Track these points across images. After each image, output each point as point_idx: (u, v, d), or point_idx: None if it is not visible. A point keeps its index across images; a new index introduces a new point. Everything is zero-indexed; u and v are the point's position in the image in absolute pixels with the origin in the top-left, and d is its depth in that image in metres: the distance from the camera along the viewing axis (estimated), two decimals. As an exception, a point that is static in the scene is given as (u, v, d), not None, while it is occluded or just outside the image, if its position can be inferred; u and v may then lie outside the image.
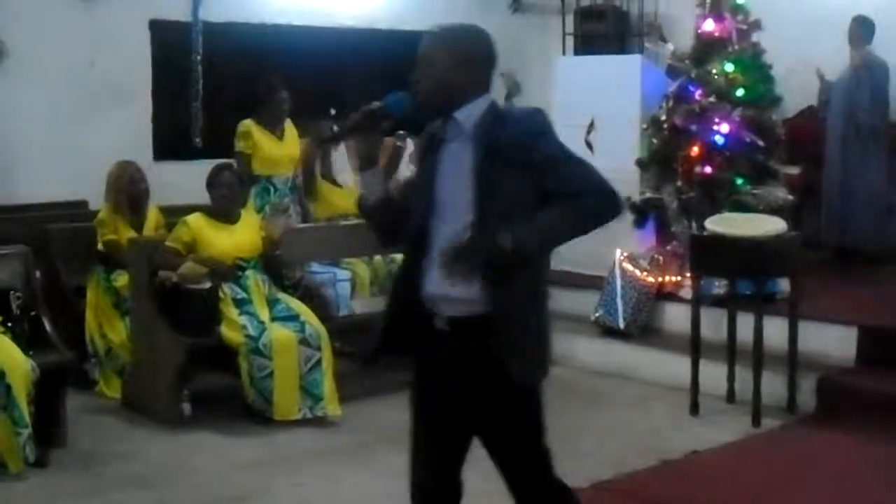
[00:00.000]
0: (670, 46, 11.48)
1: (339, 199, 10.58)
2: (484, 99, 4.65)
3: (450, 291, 4.45)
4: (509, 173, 4.47)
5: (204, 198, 9.03)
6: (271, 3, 13.04)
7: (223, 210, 8.94)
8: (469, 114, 4.61)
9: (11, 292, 8.20)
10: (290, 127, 10.20)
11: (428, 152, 4.79)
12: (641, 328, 10.40)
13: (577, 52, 14.07)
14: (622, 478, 7.41)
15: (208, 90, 12.30)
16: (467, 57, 4.65)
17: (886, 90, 11.68)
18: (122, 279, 9.34)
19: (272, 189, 9.98)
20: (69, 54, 11.79)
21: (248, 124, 9.96)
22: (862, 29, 11.75)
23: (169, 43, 12.33)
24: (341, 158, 10.47)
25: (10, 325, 7.95)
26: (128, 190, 9.53)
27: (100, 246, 9.52)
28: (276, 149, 10.03)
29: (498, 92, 14.73)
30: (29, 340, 7.94)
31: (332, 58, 13.12)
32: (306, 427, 8.50)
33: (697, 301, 9.04)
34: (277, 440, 8.28)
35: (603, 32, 14.06)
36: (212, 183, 8.94)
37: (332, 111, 11.00)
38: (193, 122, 12.27)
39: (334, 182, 10.69)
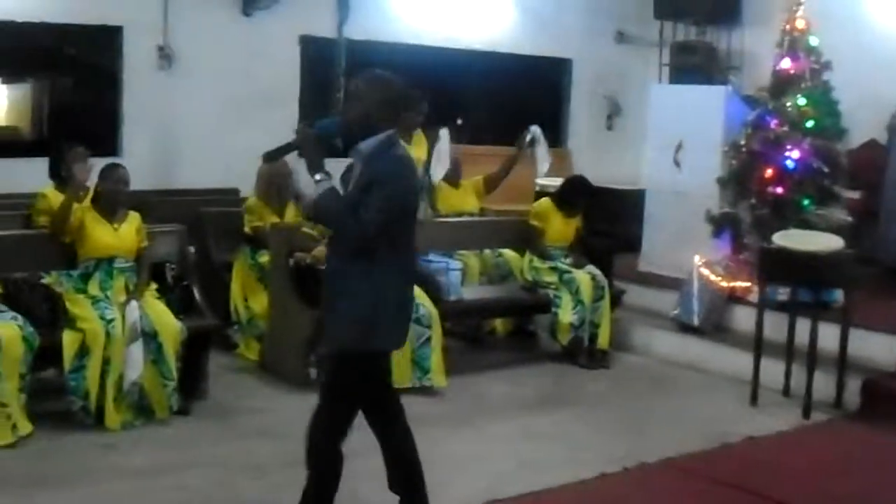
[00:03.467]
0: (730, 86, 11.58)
1: (456, 199, 10.58)
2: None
3: None
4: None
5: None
6: (407, 26, 13.09)
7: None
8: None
9: (167, 264, 8.35)
10: (418, 135, 9.95)
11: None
12: (713, 326, 10.33)
13: (671, 80, 14.00)
14: (686, 456, 7.37)
15: (349, 99, 12.35)
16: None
17: None
18: (265, 257, 9.40)
19: None
20: (228, 62, 11.94)
21: None
22: None
23: (316, 56, 12.43)
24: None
25: (165, 292, 8.08)
26: (276, 182, 9.59)
27: (247, 229, 9.60)
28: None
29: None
30: (180, 306, 8.05)
31: (458, 74, 13.15)
32: (415, 395, 8.39)
33: (763, 305, 9.00)
34: (388, 405, 8.30)
35: (694, 65, 13.97)
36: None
37: (459, 121, 11.03)
38: (333, 128, 12.34)
39: (454, 184, 10.66)
